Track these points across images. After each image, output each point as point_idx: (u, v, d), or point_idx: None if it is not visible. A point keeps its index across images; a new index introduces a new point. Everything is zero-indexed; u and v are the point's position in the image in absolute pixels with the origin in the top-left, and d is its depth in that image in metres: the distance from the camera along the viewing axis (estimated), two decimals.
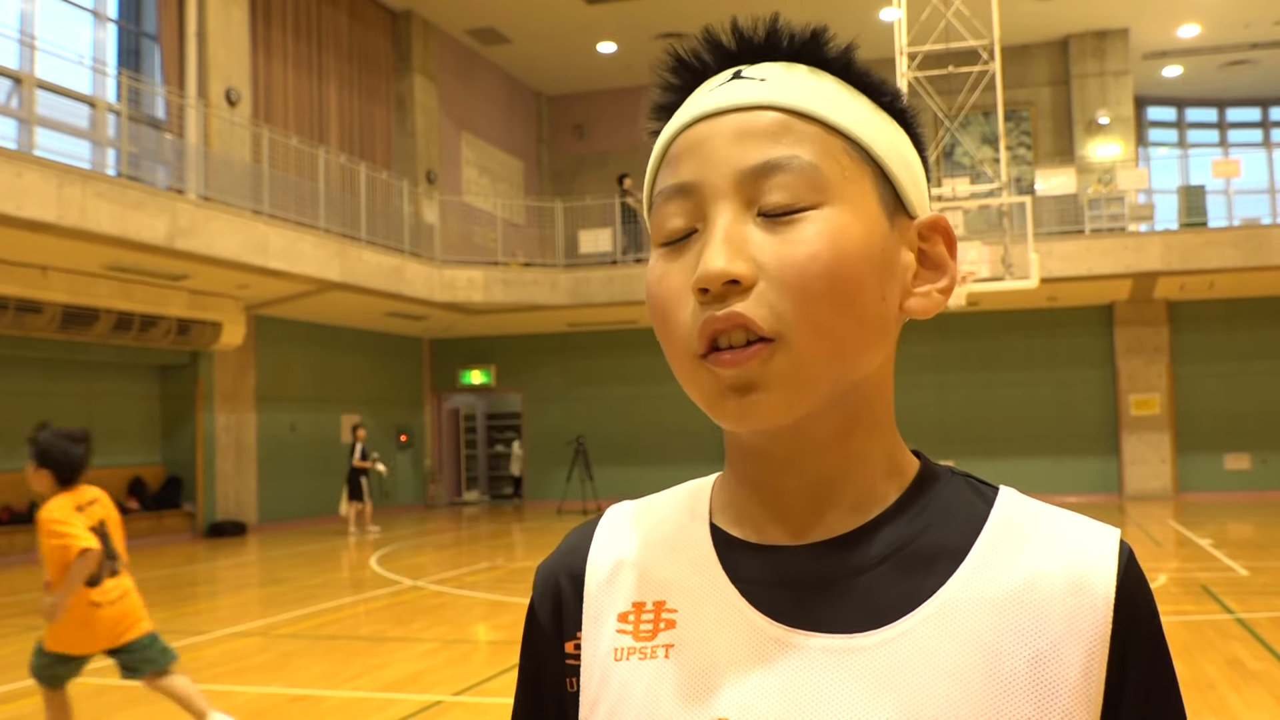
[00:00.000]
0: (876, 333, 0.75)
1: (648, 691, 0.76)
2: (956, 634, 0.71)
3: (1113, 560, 0.74)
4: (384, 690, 6.42)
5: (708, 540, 0.81)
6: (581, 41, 21.91)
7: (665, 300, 0.75)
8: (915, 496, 0.78)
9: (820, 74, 0.78)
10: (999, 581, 0.73)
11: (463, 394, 23.84)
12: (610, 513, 0.88)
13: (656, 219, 0.77)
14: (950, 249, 0.80)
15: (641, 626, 0.79)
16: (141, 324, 14.67)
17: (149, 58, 15.59)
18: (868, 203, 0.74)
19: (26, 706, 6.21)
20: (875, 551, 0.75)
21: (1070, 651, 0.71)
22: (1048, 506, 0.79)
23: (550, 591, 0.86)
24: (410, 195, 18.92)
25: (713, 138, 0.75)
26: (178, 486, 16.62)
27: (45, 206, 10.99)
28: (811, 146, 0.74)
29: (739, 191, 0.73)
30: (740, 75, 0.78)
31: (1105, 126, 21.76)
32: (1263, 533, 14.58)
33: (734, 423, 0.74)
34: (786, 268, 0.71)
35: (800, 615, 0.74)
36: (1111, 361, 20.00)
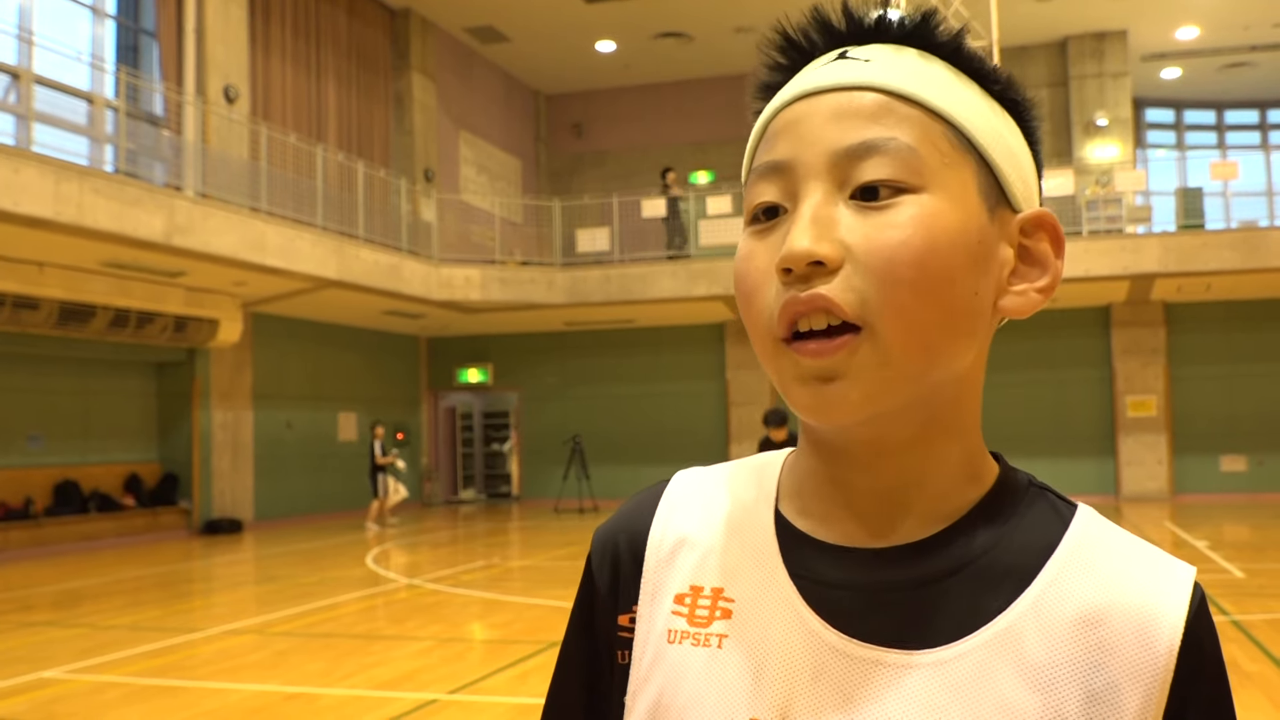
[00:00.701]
0: (966, 329, 0.72)
1: (697, 680, 0.75)
2: (1014, 662, 0.69)
3: (1183, 603, 0.71)
4: (379, 688, 6.41)
5: (771, 529, 0.79)
6: (580, 40, 21.90)
7: (750, 279, 0.73)
8: (991, 508, 0.76)
9: (929, 58, 0.76)
10: (1063, 611, 0.71)
11: (459, 392, 23.84)
12: (676, 480, 0.87)
13: (749, 197, 0.76)
14: (1056, 247, 0.77)
15: (697, 612, 0.78)
16: (138, 321, 14.66)
17: (147, 54, 15.58)
18: (966, 192, 0.72)
19: (23, 703, 6.20)
20: (942, 564, 0.73)
21: (1128, 694, 0.68)
22: (1125, 534, 0.76)
23: (609, 560, 0.84)
24: (408, 193, 18.91)
25: (811, 116, 0.73)
26: (174, 484, 16.61)
27: (42, 203, 10.97)
28: (911, 130, 0.72)
29: (832, 172, 0.71)
30: (845, 55, 0.76)
31: (1103, 128, 21.78)
32: (1259, 534, 14.59)
33: (810, 413, 0.72)
34: (874, 251, 0.69)
35: (858, 623, 0.73)
36: (1108, 363, 20.02)
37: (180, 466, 16.70)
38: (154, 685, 6.60)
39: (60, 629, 8.70)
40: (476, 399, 24.57)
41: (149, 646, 7.87)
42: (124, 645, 7.88)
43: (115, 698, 6.30)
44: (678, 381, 21.43)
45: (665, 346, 21.39)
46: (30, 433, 14.77)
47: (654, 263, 18.94)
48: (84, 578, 11.99)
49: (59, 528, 14.60)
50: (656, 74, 23.73)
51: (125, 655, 7.53)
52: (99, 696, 6.34)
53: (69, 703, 6.21)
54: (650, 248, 19.49)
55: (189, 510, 16.62)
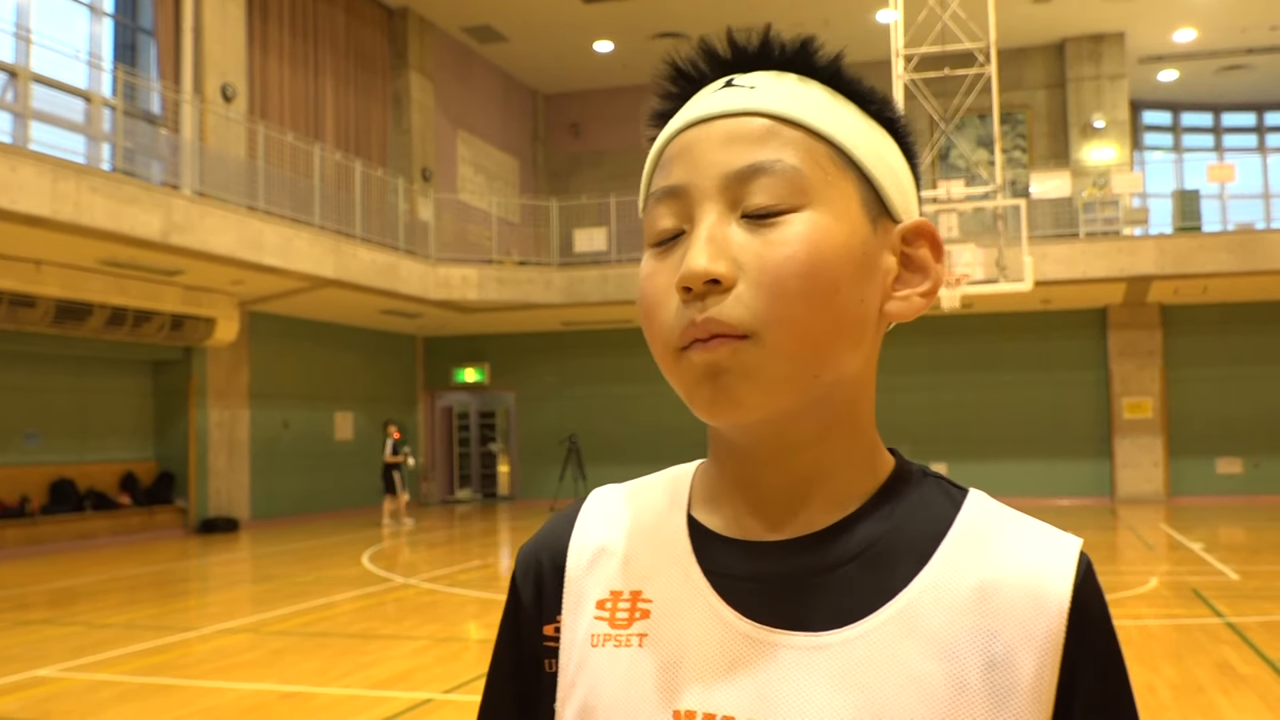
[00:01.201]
0: (854, 334, 0.77)
1: (620, 679, 0.79)
2: (917, 636, 0.73)
3: (1070, 570, 0.75)
4: (374, 688, 6.41)
5: (684, 532, 0.83)
6: (578, 40, 21.90)
7: (652, 297, 0.78)
8: (887, 496, 0.80)
9: (809, 82, 0.80)
10: (960, 585, 0.75)
11: (456, 392, 23.83)
12: (593, 497, 0.90)
13: (648, 220, 0.80)
14: (935, 253, 0.81)
15: (618, 615, 0.81)
16: (135, 319, 14.65)
17: (145, 53, 15.56)
18: (850, 206, 0.76)
19: (17, 701, 6.20)
20: (845, 550, 0.78)
21: (1024, 658, 0.73)
22: (1014, 512, 0.80)
23: (532, 573, 0.88)
24: (405, 193, 18.90)
25: (702, 142, 0.78)
26: (170, 482, 16.60)
27: (40, 201, 10.96)
28: (796, 151, 0.76)
29: (724, 194, 0.76)
30: (732, 83, 0.80)
31: (1100, 130, 21.79)
32: (1254, 537, 14.61)
33: (707, 411, 0.76)
34: (765, 268, 0.73)
35: (769, 611, 0.77)
36: (1104, 365, 20.04)
37: (176, 465, 16.69)
38: (149, 684, 6.60)
39: (55, 627, 8.70)
40: (473, 399, 24.57)
41: (144, 645, 7.86)
42: (119, 644, 7.88)
43: (110, 696, 6.30)
44: None
45: None
46: (26, 430, 14.75)
47: None
48: (79, 576, 11.98)
49: (55, 526, 14.59)
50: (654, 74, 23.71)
51: (120, 654, 7.52)
52: (94, 695, 6.34)
53: (64, 701, 6.20)
54: None
55: (185, 509, 16.61)
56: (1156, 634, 7.64)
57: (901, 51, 14.59)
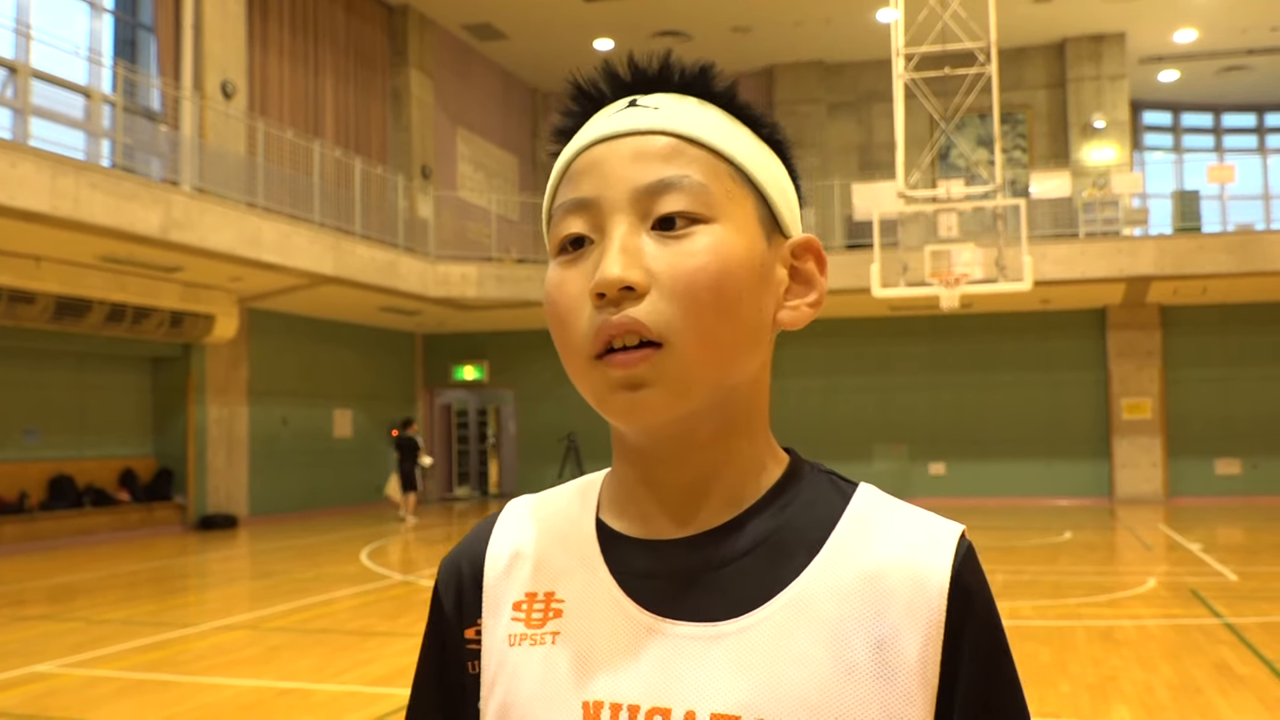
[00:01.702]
0: (753, 341, 0.82)
1: (535, 674, 0.83)
2: (808, 621, 0.78)
3: (949, 554, 0.80)
4: (372, 685, 6.41)
5: (593, 534, 0.88)
6: (578, 38, 21.88)
7: (563, 304, 0.81)
8: (780, 493, 0.85)
9: (707, 105, 0.85)
10: (848, 572, 0.80)
11: (455, 389, 23.83)
12: (509, 507, 0.95)
13: (556, 230, 0.83)
14: (820, 267, 0.87)
15: (533, 615, 0.86)
16: (134, 316, 14.65)
17: (145, 49, 15.55)
18: (749, 221, 0.82)
19: (15, 697, 6.20)
20: (740, 545, 0.82)
21: (908, 637, 0.77)
22: (899, 503, 0.85)
23: (453, 581, 0.92)
24: (405, 190, 18.89)
25: (611, 158, 0.82)
26: (169, 479, 16.60)
27: (39, 197, 10.96)
28: (700, 168, 0.81)
29: (634, 206, 0.80)
30: (635, 103, 0.85)
31: (1101, 130, 21.80)
32: (1252, 538, 14.62)
33: (622, 418, 0.80)
34: (677, 277, 0.77)
35: (670, 604, 0.81)
36: (1104, 365, 20.05)
37: (175, 462, 16.69)
38: (147, 680, 6.60)
39: (54, 623, 8.70)
40: (472, 396, 24.57)
41: (142, 641, 7.86)
42: (117, 640, 7.88)
43: (108, 692, 6.30)
44: None
45: None
46: (25, 426, 14.75)
47: None
48: (78, 572, 11.98)
49: (53, 522, 14.58)
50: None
51: (119, 650, 7.52)
52: (92, 691, 6.34)
53: (62, 697, 6.20)
54: None
55: (184, 505, 16.61)
56: (1154, 634, 7.64)
57: (902, 51, 14.59)
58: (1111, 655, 6.90)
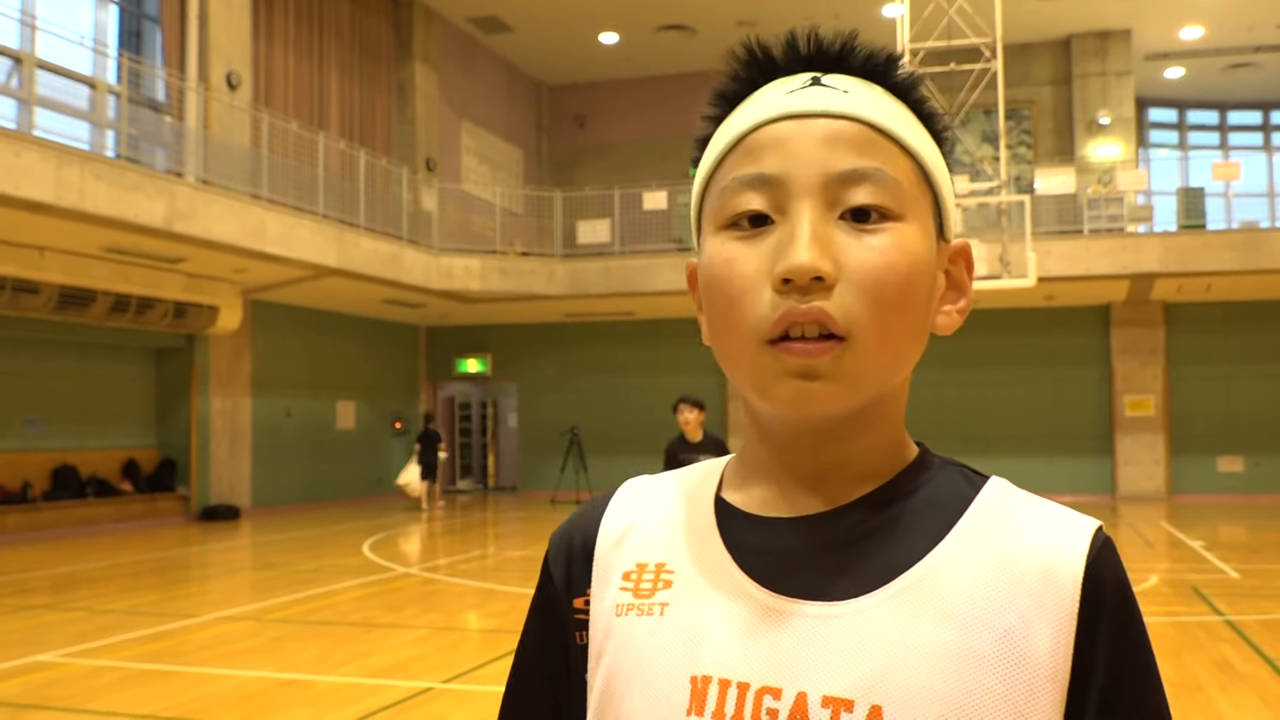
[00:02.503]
0: (920, 342, 0.81)
1: (642, 645, 0.82)
2: (931, 605, 0.75)
3: (1084, 544, 0.77)
4: (374, 676, 6.42)
5: (710, 510, 0.86)
6: (583, 31, 21.87)
7: (736, 283, 0.78)
8: (908, 479, 0.83)
9: (891, 96, 0.83)
10: (975, 558, 0.77)
11: (458, 382, 23.84)
12: (626, 484, 0.94)
13: (729, 203, 0.80)
14: (969, 273, 0.86)
15: (641, 585, 0.84)
16: (138, 306, 14.66)
17: (150, 40, 15.55)
18: (927, 222, 0.81)
19: (18, 686, 6.22)
20: (864, 526, 0.80)
21: (1038, 628, 0.74)
22: (1034, 497, 0.82)
23: (563, 551, 0.91)
24: (409, 182, 18.89)
25: (801, 137, 0.79)
26: (172, 470, 16.62)
27: (43, 187, 10.96)
28: (892, 162, 0.79)
29: (824, 193, 0.77)
30: (819, 82, 0.81)
31: (1106, 127, 21.76)
32: (1254, 535, 14.61)
33: (787, 406, 0.77)
34: (867, 272, 0.75)
35: (786, 582, 0.79)
36: (1107, 362, 20.03)
37: (178, 452, 16.71)
38: (150, 670, 6.62)
39: (57, 613, 8.72)
40: (475, 389, 24.58)
41: (145, 631, 7.88)
42: (120, 630, 7.89)
43: (111, 682, 6.31)
44: (677, 374, 21.41)
45: (665, 339, 21.39)
46: (29, 416, 14.77)
47: (655, 255, 18.94)
48: (81, 562, 12.00)
49: (56, 512, 14.61)
50: (659, 66, 23.69)
51: (121, 640, 7.54)
52: (94, 680, 6.35)
53: (64, 686, 6.22)
54: (651, 240, 19.48)
55: (186, 496, 16.63)
56: (1156, 631, 7.64)
57: (907, 46, 14.56)
58: None
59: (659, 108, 24.47)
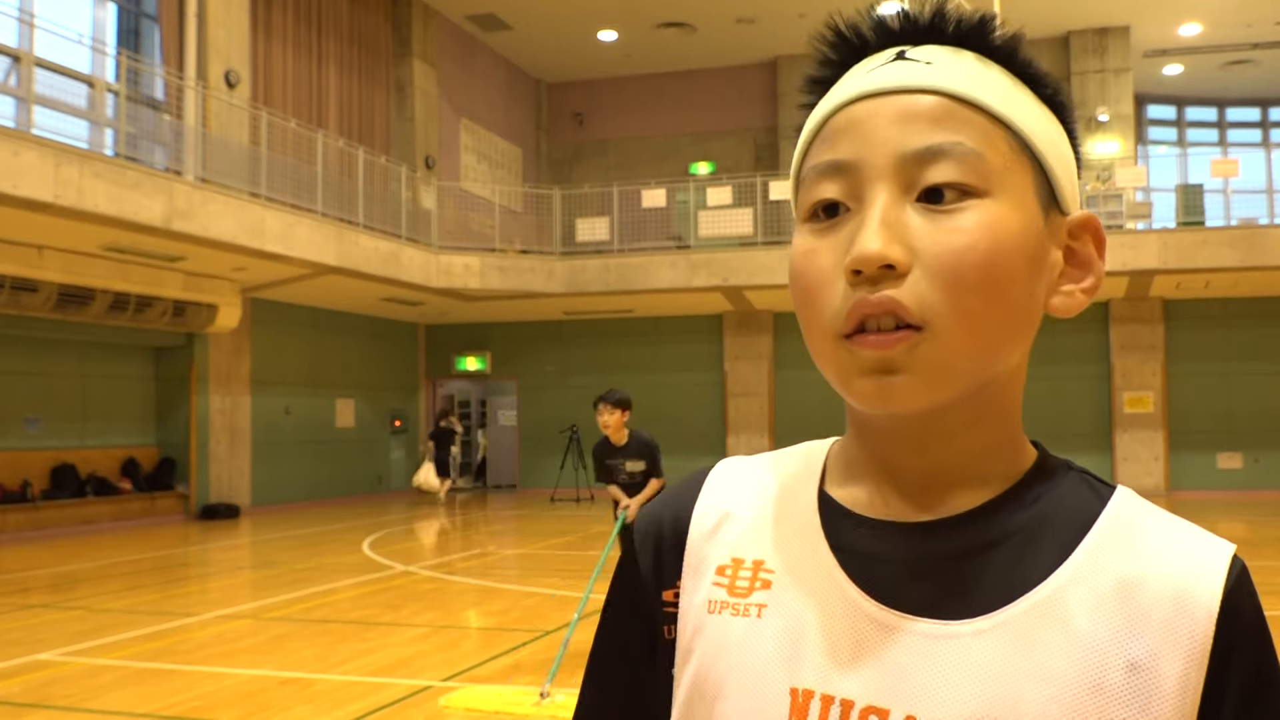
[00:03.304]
0: (1022, 328, 0.75)
1: (737, 649, 0.77)
2: (1055, 630, 0.70)
3: (1221, 573, 0.71)
4: (374, 674, 6.43)
5: (814, 505, 0.81)
6: (582, 29, 21.87)
7: (811, 276, 0.74)
8: (1029, 486, 0.77)
9: (986, 61, 0.77)
10: (1103, 581, 0.71)
11: (458, 380, 23.84)
12: (721, 465, 0.88)
13: (807, 194, 0.76)
14: (1100, 249, 0.79)
15: (738, 582, 0.79)
16: (137, 305, 14.65)
17: (148, 38, 15.55)
18: (1026, 196, 0.74)
19: (18, 685, 6.22)
20: (983, 537, 0.75)
21: (1168, 661, 0.69)
22: (1163, 512, 0.77)
23: (652, 538, 0.85)
24: (408, 180, 18.88)
25: (874, 117, 0.74)
26: (171, 468, 16.62)
27: (42, 186, 10.96)
28: (974, 134, 0.73)
29: (898, 174, 0.72)
30: (904, 56, 0.77)
31: (1105, 124, 21.76)
32: (1254, 532, 14.62)
33: (869, 403, 0.73)
34: (942, 256, 0.70)
35: (897, 594, 0.74)
36: (1106, 358, 20.04)
37: (178, 451, 16.71)
38: (149, 669, 6.62)
39: (56, 612, 8.72)
40: (475, 387, 24.58)
41: (145, 630, 7.88)
42: (120, 628, 7.89)
43: (110, 680, 6.32)
44: (676, 372, 21.45)
45: (664, 337, 21.40)
46: (28, 415, 14.77)
47: (653, 253, 18.95)
48: (80, 561, 12.00)
49: (56, 511, 14.61)
50: (658, 64, 23.70)
51: (121, 638, 7.54)
52: (94, 679, 6.36)
53: (64, 685, 6.22)
54: (650, 238, 19.49)
55: (186, 495, 16.63)
56: None
57: None
58: None
59: (658, 105, 24.48)
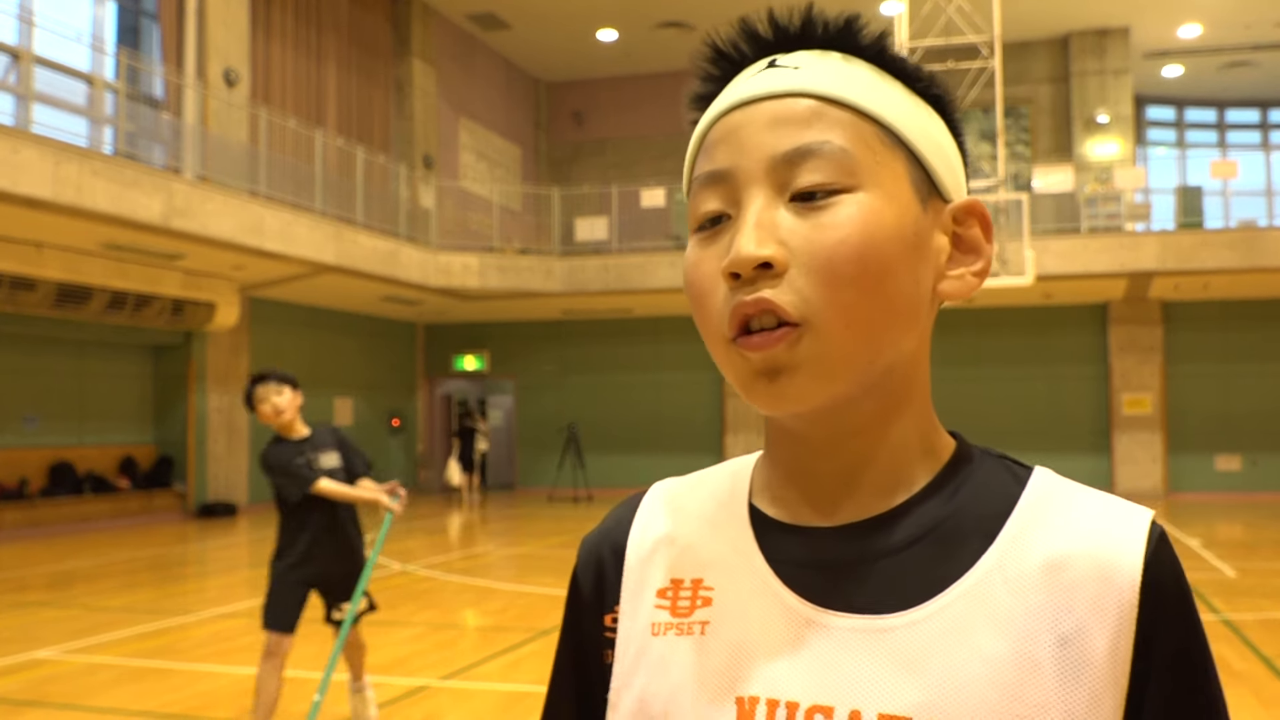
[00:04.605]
0: (908, 316, 0.76)
1: (684, 666, 0.78)
2: (985, 616, 0.72)
3: (1140, 542, 0.73)
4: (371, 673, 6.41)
5: (746, 520, 0.82)
6: (581, 28, 21.86)
7: (700, 285, 0.76)
8: (949, 478, 0.79)
9: (853, 61, 0.79)
10: (1028, 562, 0.73)
11: (456, 380, 23.83)
12: (655, 489, 0.90)
13: (693, 205, 0.79)
14: (986, 232, 0.80)
15: (679, 603, 0.81)
16: (135, 303, 14.65)
17: (148, 36, 15.54)
18: (900, 187, 0.75)
19: (15, 683, 6.21)
20: (907, 533, 0.76)
21: (1096, 634, 0.71)
22: (1081, 487, 0.79)
23: (593, 564, 0.87)
24: (407, 179, 18.88)
25: (747, 125, 0.76)
26: (169, 466, 16.61)
27: (41, 183, 10.96)
28: (843, 132, 0.75)
29: (771, 177, 0.74)
30: (775, 64, 0.79)
31: (1104, 125, 21.77)
32: (1251, 534, 14.62)
33: (765, 406, 0.75)
34: (816, 252, 0.72)
35: (832, 595, 0.76)
36: (1105, 360, 20.04)
37: (175, 449, 16.70)
38: (147, 667, 6.62)
39: (54, 609, 8.71)
40: (473, 386, 24.57)
41: (142, 628, 7.87)
42: (117, 626, 7.89)
43: (108, 679, 6.31)
44: (674, 371, 21.44)
45: (663, 336, 21.40)
46: (25, 413, 14.76)
47: (652, 252, 18.94)
48: (78, 559, 11.99)
49: (53, 509, 14.61)
50: (658, 63, 23.69)
51: (118, 636, 7.54)
52: (92, 677, 6.35)
53: (61, 683, 6.21)
54: (649, 238, 19.48)
55: (183, 493, 16.62)
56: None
57: (905, 44, 14.56)
58: None
59: (657, 105, 24.47)
